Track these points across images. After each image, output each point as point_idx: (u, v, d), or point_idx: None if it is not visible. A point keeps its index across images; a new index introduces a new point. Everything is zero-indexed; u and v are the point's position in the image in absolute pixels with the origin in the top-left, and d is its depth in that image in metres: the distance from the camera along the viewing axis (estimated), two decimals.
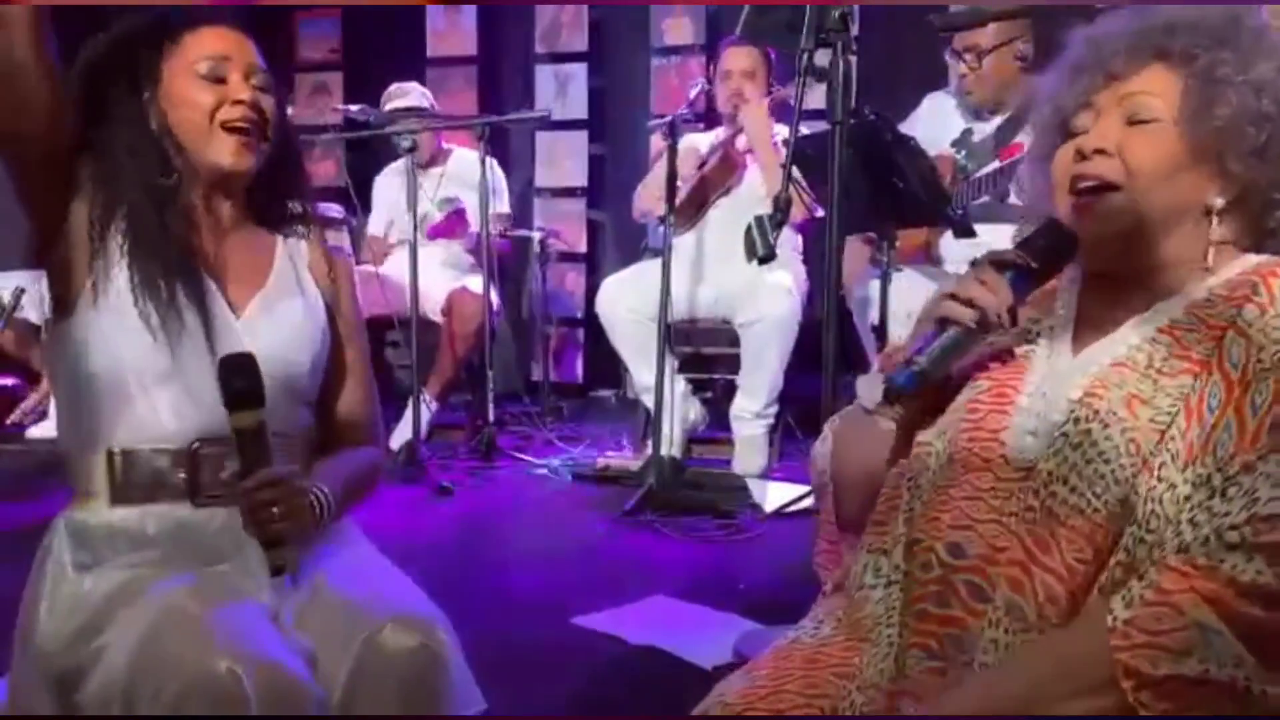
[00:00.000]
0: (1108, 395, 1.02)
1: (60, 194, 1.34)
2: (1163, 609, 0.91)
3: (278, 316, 1.42)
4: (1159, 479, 0.97)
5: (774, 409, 3.69)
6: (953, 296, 1.08)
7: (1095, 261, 1.14)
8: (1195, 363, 1.01)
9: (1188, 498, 0.96)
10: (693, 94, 3.80)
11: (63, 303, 1.37)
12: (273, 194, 1.48)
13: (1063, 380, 1.07)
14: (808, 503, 3.10)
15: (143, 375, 1.33)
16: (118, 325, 1.33)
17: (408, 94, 4.34)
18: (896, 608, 1.04)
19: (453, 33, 5.51)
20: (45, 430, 4.14)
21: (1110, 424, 1.00)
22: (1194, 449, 0.97)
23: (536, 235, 4.90)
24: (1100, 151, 1.08)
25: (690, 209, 3.82)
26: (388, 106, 4.29)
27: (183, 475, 1.34)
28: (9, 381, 4.38)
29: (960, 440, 1.07)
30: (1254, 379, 0.97)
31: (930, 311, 1.10)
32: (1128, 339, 1.06)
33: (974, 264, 1.11)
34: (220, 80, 1.39)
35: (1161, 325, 1.05)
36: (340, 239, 1.58)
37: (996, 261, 1.10)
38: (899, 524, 1.08)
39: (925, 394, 1.09)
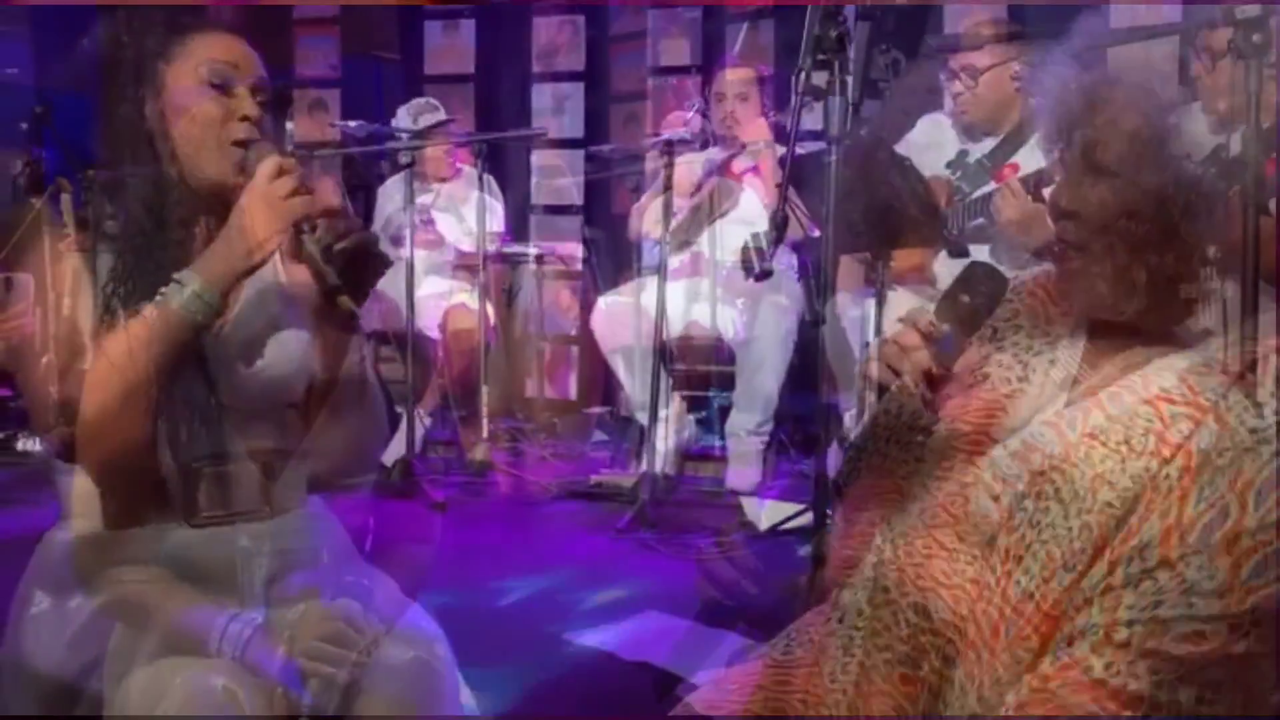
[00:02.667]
0: (1072, 473, 1.00)
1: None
2: (1044, 694, 0.93)
3: (259, 327, 1.37)
4: (1108, 563, 0.96)
5: (769, 426, 3.69)
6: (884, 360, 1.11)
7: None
8: (1168, 445, 0.98)
9: (1106, 575, 0.95)
10: (690, 114, 3.81)
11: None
12: None
13: (1037, 441, 1.05)
14: (801, 521, 3.10)
15: None
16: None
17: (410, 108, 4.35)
18: (859, 641, 1.05)
19: (450, 51, 5.53)
20: (35, 443, 4.12)
21: (1068, 502, 0.99)
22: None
23: (532, 252, 4.91)
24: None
25: (686, 230, 3.84)
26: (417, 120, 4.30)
27: (179, 496, 1.30)
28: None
29: (931, 486, 1.08)
30: (1209, 470, 0.95)
31: (863, 370, 1.15)
32: (1108, 409, 1.03)
33: (901, 321, 1.11)
34: (227, 90, 1.33)
35: (1150, 395, 1.02)
36: None
37: (916, 325, 1.09)
38: (868, 566, 1.09)
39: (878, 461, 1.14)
